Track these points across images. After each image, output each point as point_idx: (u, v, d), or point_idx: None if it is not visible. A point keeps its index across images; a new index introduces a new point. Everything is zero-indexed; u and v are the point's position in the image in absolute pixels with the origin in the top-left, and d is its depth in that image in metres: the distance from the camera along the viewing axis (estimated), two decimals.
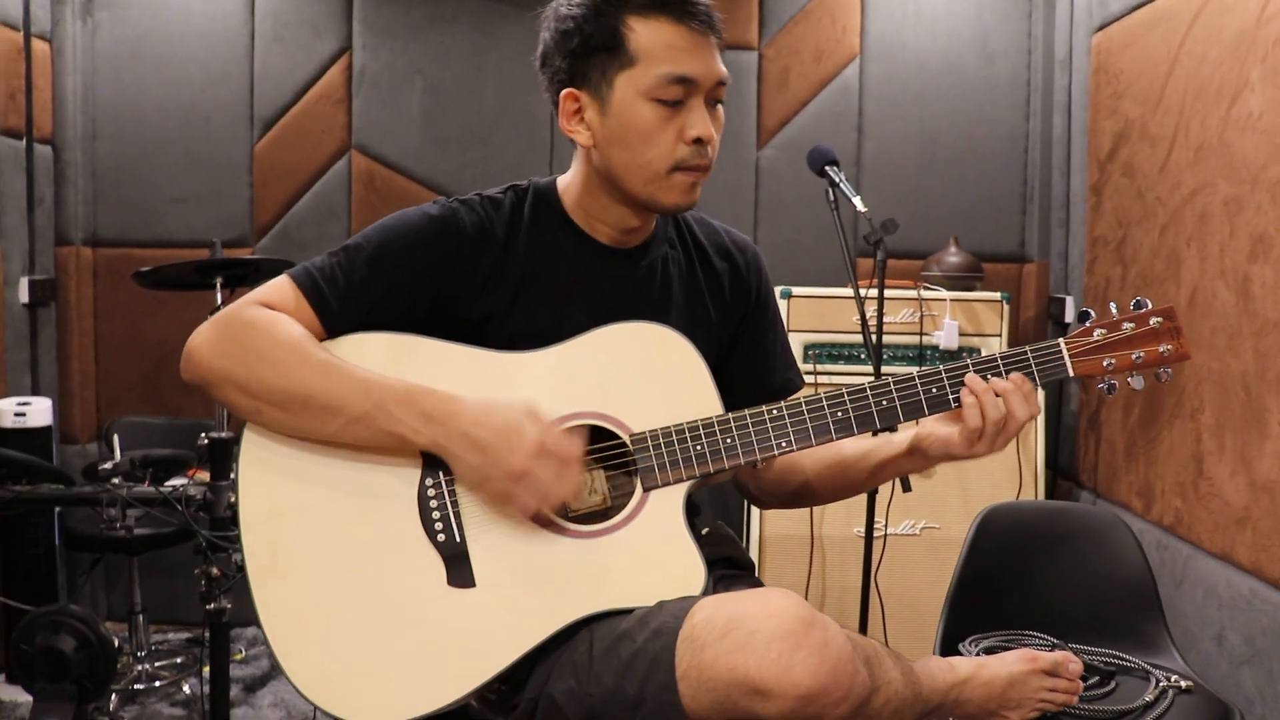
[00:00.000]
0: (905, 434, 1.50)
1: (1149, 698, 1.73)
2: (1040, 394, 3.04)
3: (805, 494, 1.63)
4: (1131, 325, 1.41)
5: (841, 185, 2.35)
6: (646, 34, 1.37)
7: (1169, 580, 2.56)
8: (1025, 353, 1.41)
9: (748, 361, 1.63)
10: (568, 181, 1.52)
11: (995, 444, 1.40)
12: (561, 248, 1.49)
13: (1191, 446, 2.50)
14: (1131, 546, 2.12)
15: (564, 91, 1.43)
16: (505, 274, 1.45)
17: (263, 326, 1.35)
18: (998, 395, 1.38)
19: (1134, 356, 1.41)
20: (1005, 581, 2.10)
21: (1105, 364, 1.41)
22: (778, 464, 1.64)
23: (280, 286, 1.41)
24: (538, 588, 1.34)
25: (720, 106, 1.45)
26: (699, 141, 1.39)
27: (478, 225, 1.45)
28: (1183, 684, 1.78)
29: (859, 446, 1.55)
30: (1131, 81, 2.87)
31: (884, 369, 2.99)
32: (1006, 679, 1.50)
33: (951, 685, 1.44)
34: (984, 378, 1.40)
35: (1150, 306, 1.41)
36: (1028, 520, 2.21)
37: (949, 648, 1.95)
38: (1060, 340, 1.41)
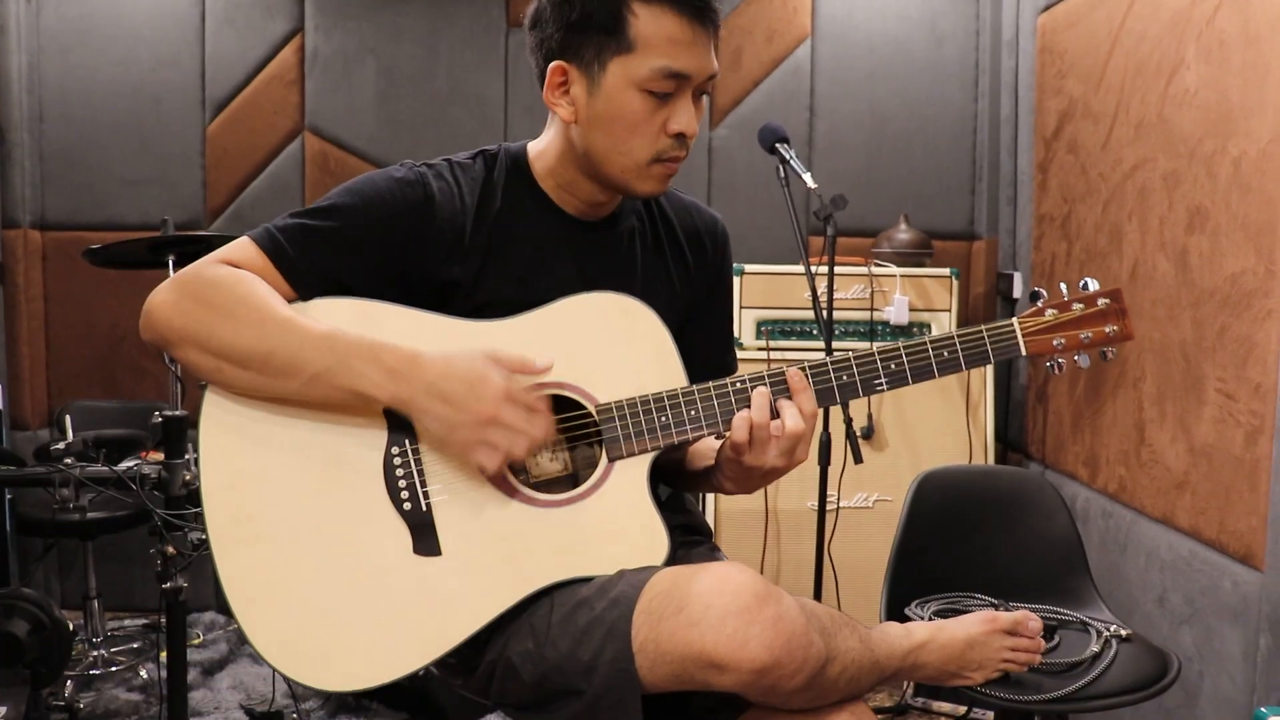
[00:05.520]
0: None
1: (1095, 648, 1.78)
2: (990, 368, 3.14)
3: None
4: (1081, 306, 1.44)
5: (792, 162, 2.38)
6: (649, 22, 1.35)
7: (1114, 546, 2.63)
8: (980, 331, 1.43)
9: (696, 338, 1.63)
10: (540, 149, 1.51)
11: (767, 454, 1.38)
12: (529, 217, 1.49)
13: (1134, 415, 2.56)
14: (1058, 505, 2.18)
15: (553, 63, 1.40)
16: (473, 243, 1.44)
17: (225, 284, 1.33)
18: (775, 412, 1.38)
19: (1082, 336, 1.44)
20: (943, 544, 2.14)
21: (1055, 343, 1.44)
22: None
23: (242, 247, 1.38)
24: (503, 556, 1.34)
25: (705, 97, 1.45)
26: (681, 135, 1.39)
27: (445, 192, 1.44)
28: (1123, 632, 1.84)
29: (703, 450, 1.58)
30: (1075, 61, 2.93)
31: (835, 344, 3.04)
32: (965, 641, 1.50)
33: (909, 650, 1.44)
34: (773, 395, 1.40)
35: (1098, 288, 1.45)
36: (962, 484, 2.25)
37: (894, 612, 1.99)
38: (1014, 319, 1.44)
